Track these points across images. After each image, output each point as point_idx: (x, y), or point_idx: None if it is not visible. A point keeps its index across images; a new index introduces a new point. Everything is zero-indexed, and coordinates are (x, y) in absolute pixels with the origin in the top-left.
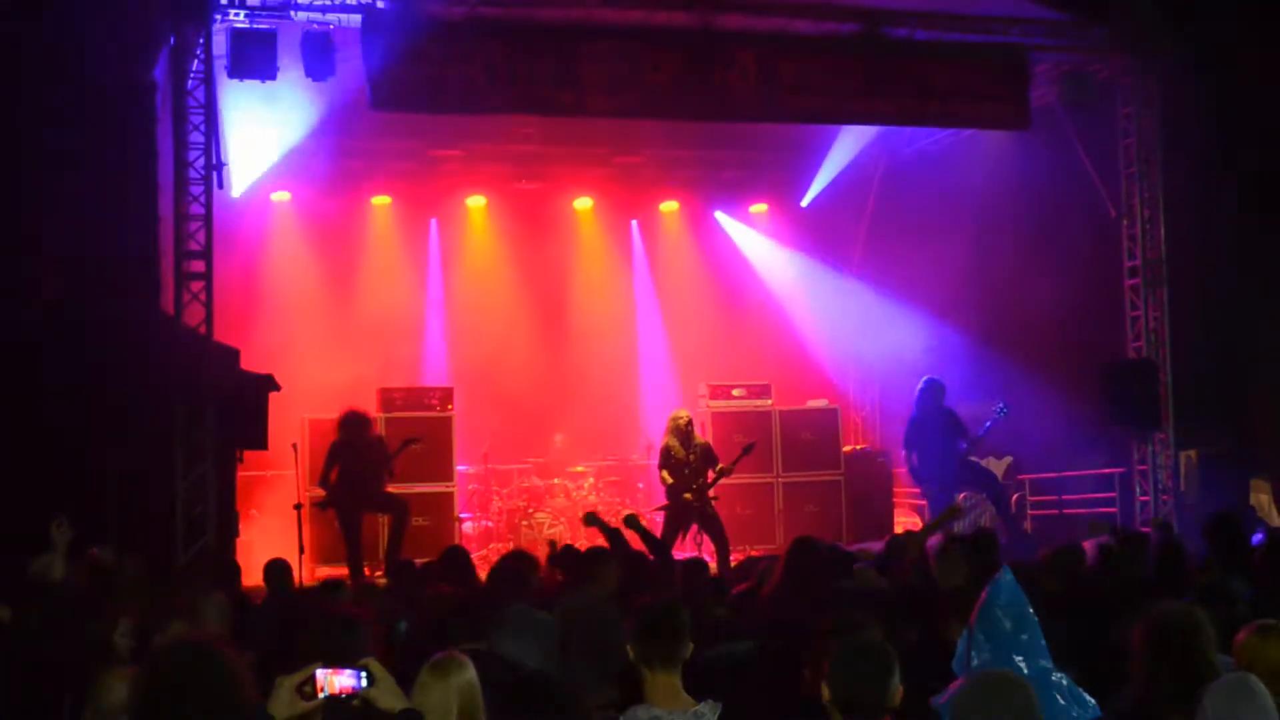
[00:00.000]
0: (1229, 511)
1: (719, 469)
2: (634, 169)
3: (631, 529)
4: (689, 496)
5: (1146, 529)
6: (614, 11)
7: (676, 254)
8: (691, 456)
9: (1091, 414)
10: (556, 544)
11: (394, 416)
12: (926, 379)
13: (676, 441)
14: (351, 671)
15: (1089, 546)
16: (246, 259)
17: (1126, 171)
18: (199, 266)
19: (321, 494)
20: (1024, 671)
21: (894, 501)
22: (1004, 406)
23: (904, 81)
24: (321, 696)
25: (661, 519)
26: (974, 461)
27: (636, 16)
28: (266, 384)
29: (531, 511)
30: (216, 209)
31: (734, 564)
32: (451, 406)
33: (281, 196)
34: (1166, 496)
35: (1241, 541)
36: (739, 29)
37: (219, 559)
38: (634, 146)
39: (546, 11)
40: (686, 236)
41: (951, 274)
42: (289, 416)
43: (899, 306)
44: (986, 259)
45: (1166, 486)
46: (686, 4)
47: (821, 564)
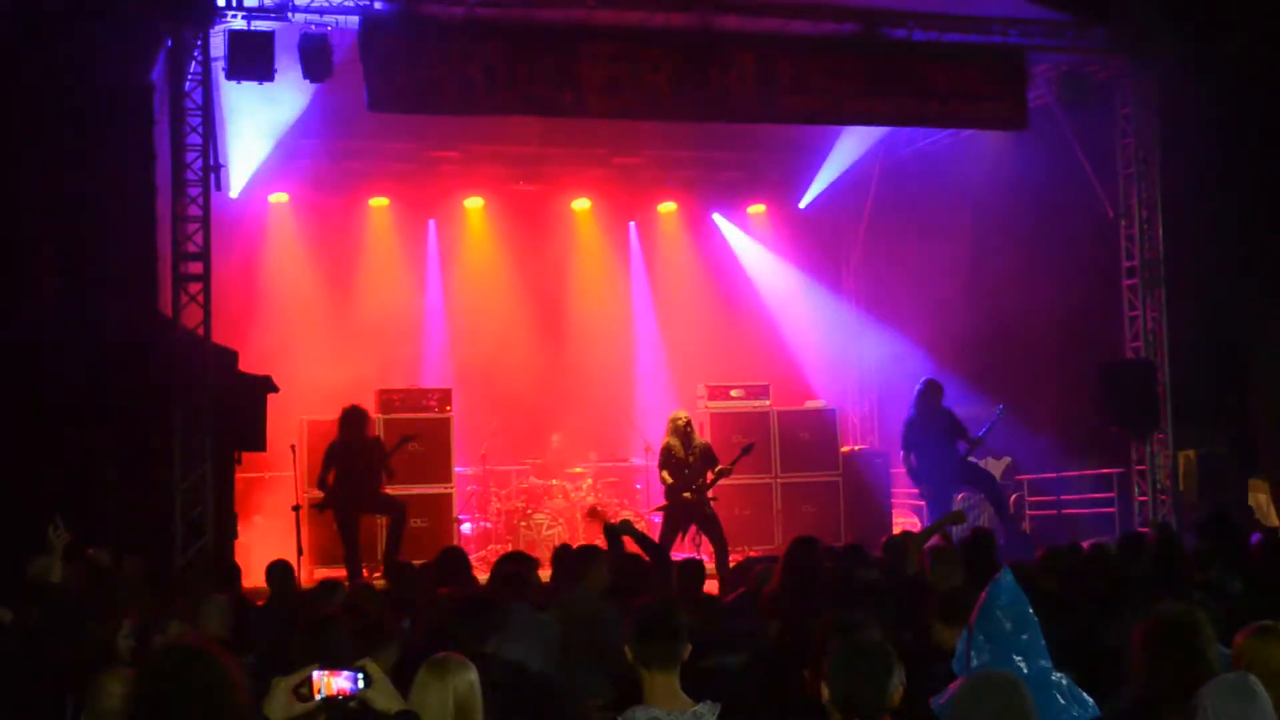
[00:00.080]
0: (1224, 509)
1: (718, 470)
2: (632, 170)
3: (626, 534)
4: (688, 497)
5: (1144, 529)
6: (613, 12)
7: (675, 255)
8: (691, 457)
9: (1090, 414)
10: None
11: (392, 418)
12: (925, 379)
13: (677, 442)
14: (348, 673)
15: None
16: (244, 260)
17: (1124, 172)
18: (197, 268)
19: (320, 495)
20: (1024, 672)
21: (892, 502)
22: (1003, 408)
23: (903, 82)
24: (318, 698)
25: (660, 520)
26: (972, 462)
27: (635, 17)
28: (264, 385)
29: (530, 512)
30: (214, 210)
31: (732, 565)
32: (450, 408)
33: (279, 198)
34: (1165, 497)
35: (1237, 538)
36: (738, 30)
37: (219, 561)
38: (632, 147)
39: (545, 12)
40: (684, 237)
41: (950, 274)
42: (287, 418)
43: (896, 308)
44: (985, 259)
45: (1165, 487)
46: (685, 5)
47: (821, 564)
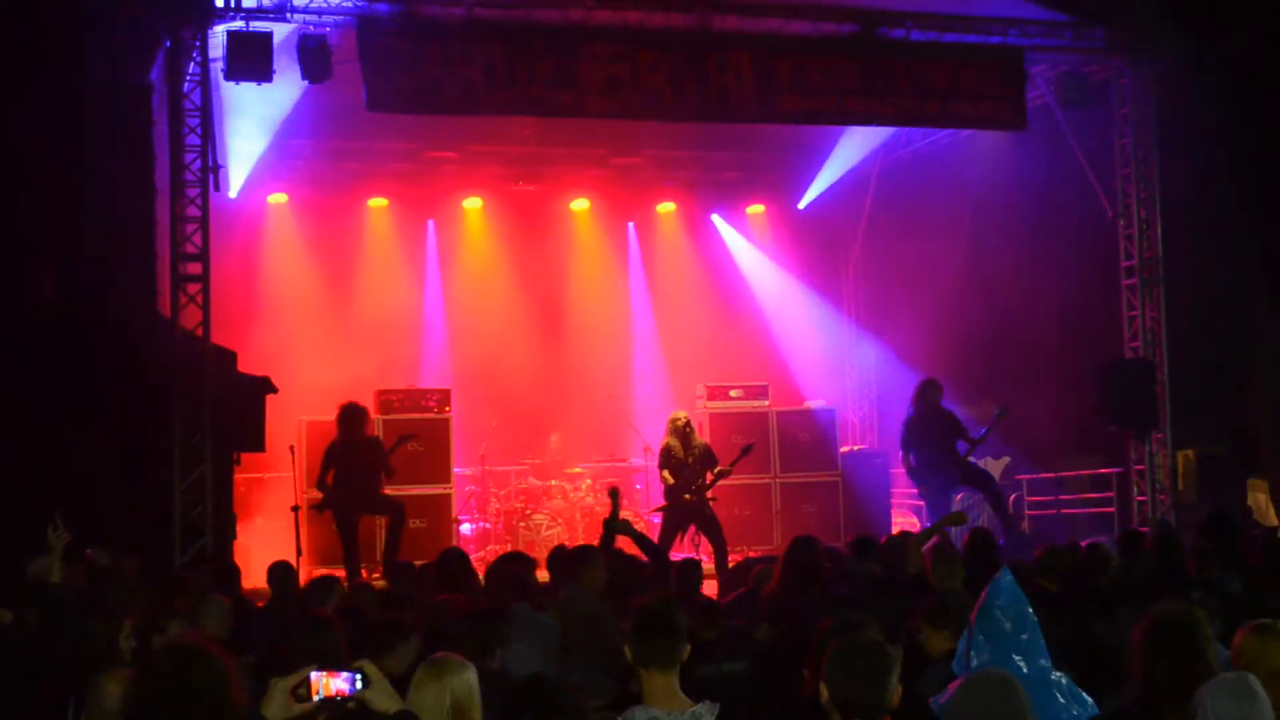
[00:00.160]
0: (1224, 509)
1: (717, 471)
2: (631, 170)
3: (623, 533)
4: (688, 498)
5: (1144, 528)
6: (612, 13)
7: (673, 255)
8: (691, 458)
9: (1089, 414)
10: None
11: (391, 418)
12: (924, 379)
13: (676, 442)
14: (346, 674)
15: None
16: (243, 261)
17: (1123, 171)
18: (196, 269)
19: (319, 496)
20: (1024, 671)
21: (892, 502)
22: (1003, 410)
23: (901, 82)
24: (316, 699)
25: (660, 520)
26: (971, 462)
27: (634, 18)
28: (264, 386)
29: (529, 513)
30: (213, 211)
31: (731, 565)
32: (449, 408)
33: (278, 198)
34: (1164, 496)
35: (1237, 538)
36: (737, 30)
37: (218, 561)
38: (631, 147)
39: (544, 13)
40: (683, 238)
41: (949, 274)
42: (286, 419)
43: (895, 308)
44: (983, 259)
45: (1164, 486)
46: (684, 5)
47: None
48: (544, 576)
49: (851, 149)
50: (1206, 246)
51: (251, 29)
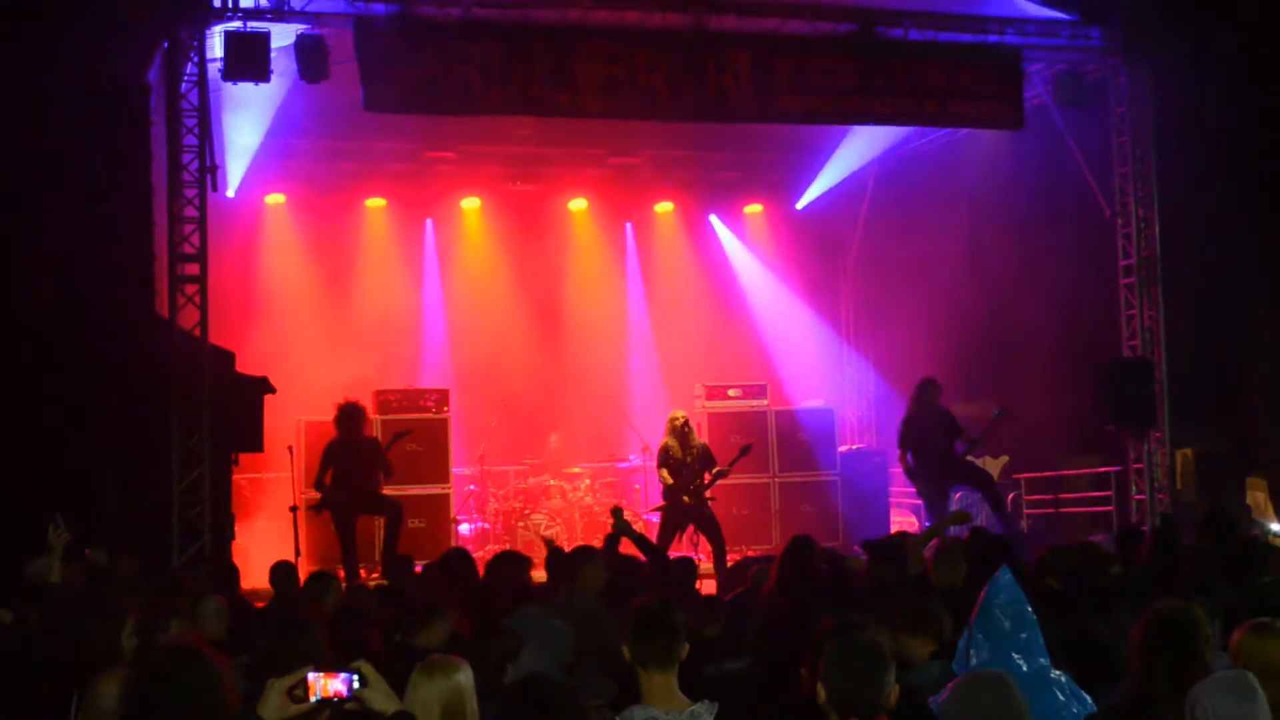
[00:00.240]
0: (1223, 508)
1: (715, 471)
2: (629, 170)
3: (624, 534)
4: (686, 498)
5: (1144, 527)
6: (609, 13)
7: (672, 255)
8: (689, 457)
9: (1087, 413)
10: (554, 543)
11: (389, 419)
12: (923, 378)
13: (675, 442)
14: (344, 675)
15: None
16: (241, 262)
17: (1121, 170)
18: (193, 269)
19: (317, 496)
20: (1023, 670)
21: (890, 501)
22: (1002, 410)
23: (899, 81)
24: (313, 700)
25: (658, 519)
26: (970, 461)
27: (632, 18)
28: (262, 387)
29: (528, 512)
30: (211, 211)
31: (730, 565)
32: (447, 408)
33: (276, 199)
34: (1162, 495)
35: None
36: (734, 29)
37: (217, 562)
38: (629, 147)
39: (542, 13)
40: (681, 238)
41: (947, 273)
42: (284, 419)
43: (893, 307)
44: (981, 258)
45: (1162, 485)
46: (681, 5)
47: (818, 563)
48: (541, 576)
49: (851, 156)
50: (1205, 245)
51: (249, 29)
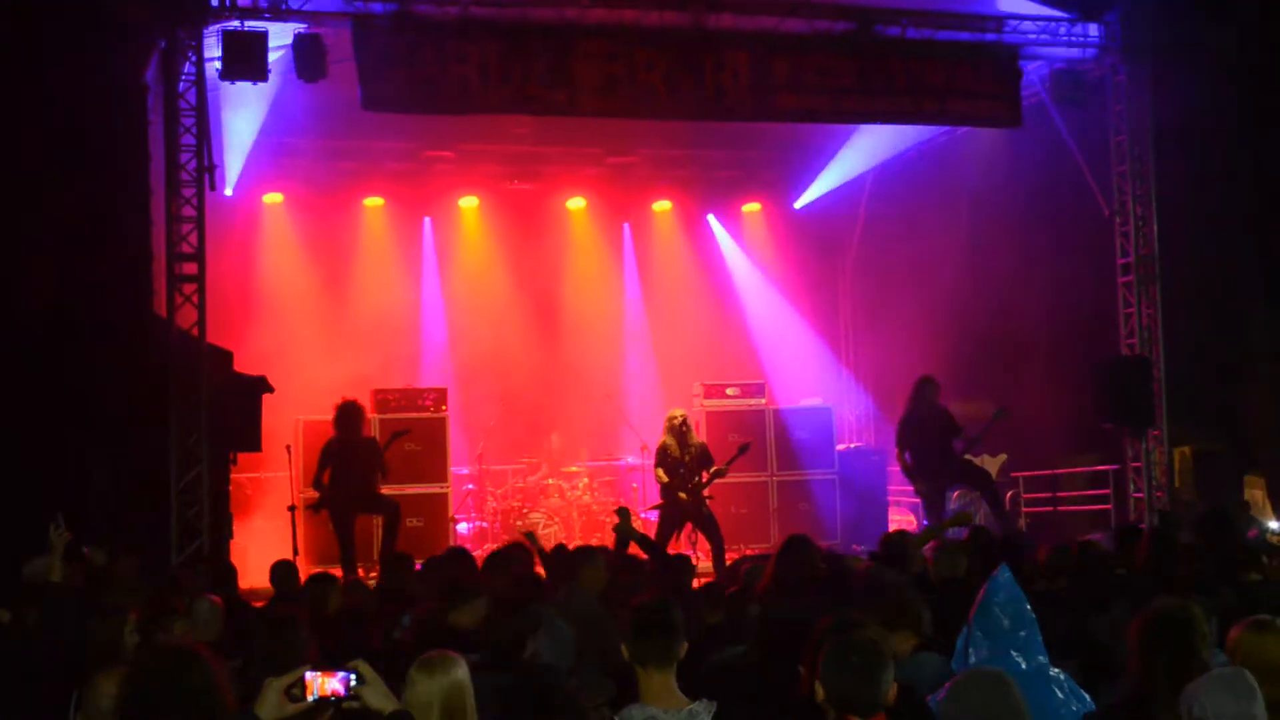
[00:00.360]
0: (1220, 507)
1: (713, 470)
2: (627, 169)
3: (628, 537)
4: (684, 496)
5: (1142, 525)
6: (607, 11)
7: (670, 254)
8: (687, 456)
9: (1085, 411)
10: (535, 537)
11: (388, 418)
12: (921, 376)
13: (673, 441)
14: (341, 674)
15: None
16: (239, 261)
17: (1119, 169)
18: (191, 269)
19: (315, 496)
20: (1022, 668)
21: (888, 500)
22: (1001, 410)
23: (897, 80)
24: (310, 699)
25: (656, 518)
26: (968, 460)
27: (629, 16)
28: (260, 386)
29: (526, 512)
30: (209, 211)
31: (728, 564)
32: (445, 407)
33: (274, 198)
34: (1160, 493)
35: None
36: (732, 28)
37: (215, 561)
38: (627, 146)
39: (540, 11)
40: (680, 236)
41: (945, 272)
42: (283, 418)
43: (891, 305)
44: (980, 257)
45: (1160, 483)
46: (679, 4)
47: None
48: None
49: (852, 163)
50: (1203, 243)
51: (247, 28)
